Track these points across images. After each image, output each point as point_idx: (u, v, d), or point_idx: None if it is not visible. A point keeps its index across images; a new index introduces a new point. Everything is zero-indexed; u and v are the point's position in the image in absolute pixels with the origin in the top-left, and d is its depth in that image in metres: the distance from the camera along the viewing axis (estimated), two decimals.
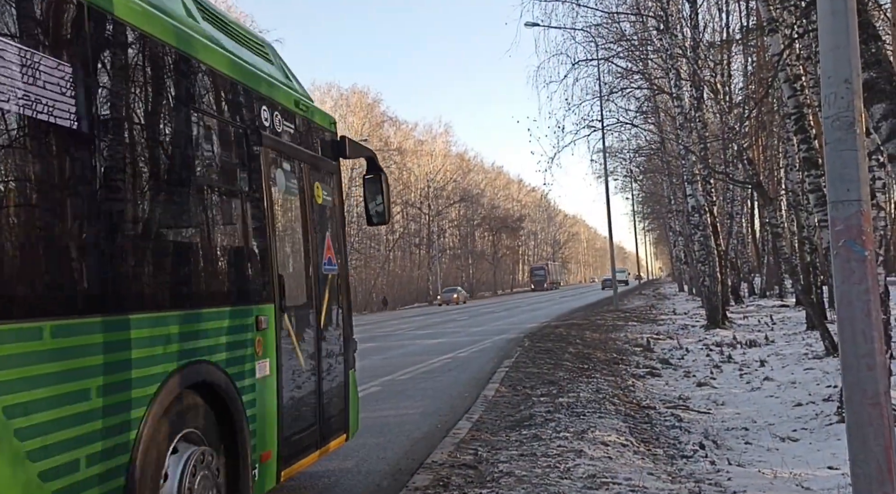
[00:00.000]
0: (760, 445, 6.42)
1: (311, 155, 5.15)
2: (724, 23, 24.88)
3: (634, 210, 57.06)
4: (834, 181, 3.25)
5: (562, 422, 6.63)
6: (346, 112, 60.00)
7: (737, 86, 26.24)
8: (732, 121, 15.72)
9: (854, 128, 3.20)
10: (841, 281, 3.25)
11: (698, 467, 5.62)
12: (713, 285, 18.62)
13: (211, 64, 3.94)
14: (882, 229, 8.49)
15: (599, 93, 23.81)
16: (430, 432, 6.99)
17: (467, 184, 72.74)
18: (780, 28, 11.12)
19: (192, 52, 3.76)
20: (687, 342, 15.23)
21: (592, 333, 17.75)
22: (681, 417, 7.66)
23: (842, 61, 3.22)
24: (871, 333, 3.21)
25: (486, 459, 5.47)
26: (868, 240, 3.21)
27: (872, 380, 3.20)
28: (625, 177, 43.61)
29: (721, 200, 29.14)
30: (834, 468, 5.41)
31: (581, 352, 13.25)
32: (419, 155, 66.97)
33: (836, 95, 3.21)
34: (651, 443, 6.34)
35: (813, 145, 10.69)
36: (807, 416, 7.31)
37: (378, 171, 5.95)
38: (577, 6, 18.79)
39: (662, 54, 19.24)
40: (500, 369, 11.09)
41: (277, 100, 4.72)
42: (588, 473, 4.93)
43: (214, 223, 3.98)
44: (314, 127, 5.31)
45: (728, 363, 11.70)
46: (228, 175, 4.11)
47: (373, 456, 6.13)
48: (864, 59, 5.30)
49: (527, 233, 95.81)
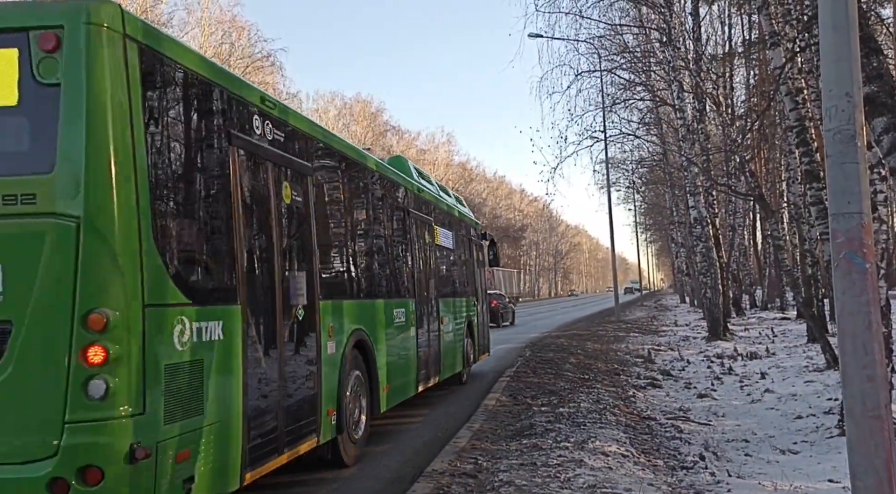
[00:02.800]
0: (761, 457, 6.41)
1: (477, 241, 12.38)
2: (727, 36, 25.01)
3: (637, 221, 57.05)
4: (835, 193, 3.27)
5: (562, 432, 6.63)
6: (350, 121, 60.16)
7: (739, 98, 26.31)
8: (734, 133, 15.76)
9: (855, 141, 3.22)
10: (842, 293, 3.26)
11: (698, 478, 5.61)
12: (715, 297, 18.61)
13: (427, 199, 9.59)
14: (884, 242, 8.50)
15: (602, 104, 23.88)
16: (430, 440, 6.99)
17: (469, 194, 72.80)
18: (782, 42, 11.17)
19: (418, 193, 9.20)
20: (688, 353, 15.21)
21: (594, 344, 17.72)
22: (681, 428, 7.65)
23: (843, 75, 3.24)
24: (871, 345, 3.22)
25: (487, 468, 5.47)
26: (869, 252, 3.23)
27: (873, 393, 3.20)
28: (627, 187, 43.62)
29: (723, 212, 29.15)
30: (835, 481, 5.40)
31: (582, 363, 13.23)
32: (422, 164, 67.08)
33: (838, 108, 3.23)
34: (651, 454, 6.33)
35: (815, 158, 10.71)
36: (807, 429, 7.30)
37: (493, 242, 13.48)
38: (580, 18, 18.87)
39: (665, 66, 19.31)
40: (500, 378, 11.08)
41: (463, 217, 11.47)
42: (588, 483, 4.93)
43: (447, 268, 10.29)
44: (475, 226, 12.53)
45: (729, 375, 11.69)
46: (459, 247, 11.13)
47: (374, 464, 6.13)
48: (866, 72, 5.33)
49: (528, 243, 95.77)
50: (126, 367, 3.35)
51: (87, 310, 3.30)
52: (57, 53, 3.38)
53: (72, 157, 3.34)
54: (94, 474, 3.24)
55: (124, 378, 3.33)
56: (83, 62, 3.36)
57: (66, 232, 3.31)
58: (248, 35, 43.93)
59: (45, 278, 3.31)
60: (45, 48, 3.38)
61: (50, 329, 3.30)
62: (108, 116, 3.39)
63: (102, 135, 3.37)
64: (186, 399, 3.76)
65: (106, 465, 3.26)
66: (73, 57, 3.37)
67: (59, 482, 3.22)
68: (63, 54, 3.37)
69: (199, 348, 3.88)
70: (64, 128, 3.35)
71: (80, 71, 3.35)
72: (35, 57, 3.39)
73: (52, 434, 3.24)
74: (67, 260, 3.31)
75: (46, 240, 3.32)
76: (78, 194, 3.32)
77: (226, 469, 4.08)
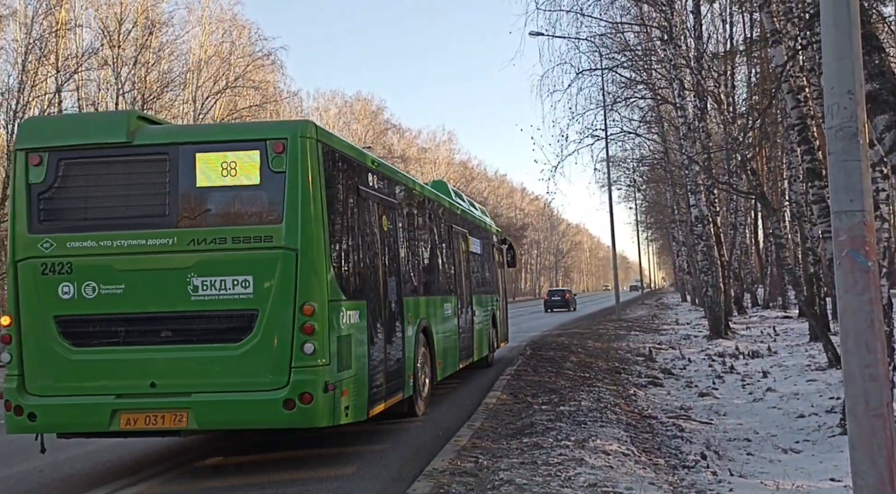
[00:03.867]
0: (762, 456, 6.40)
1: (498, 246, 14.42)
2: (728, 34, 24.97)
3: (638, 219, 56.98)
4: (837, 191, 3.25)
5: (563, 431, 6.62)
6: (350, 119, 60.09)
7: (740, 96, 26.25)
8: (736, 131, 15.73)
9: (857, 138, 3.20)
10: (844, 291, 3.25)
11: (700, 477, 5.60)
12: (716, 295, 18.59)
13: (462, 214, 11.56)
14: (886, 240, 8.48)
15: (603, 102, 23.84)
16: (431, 439, 6.98)
17: (470, 193, 72.69)
18: (784, 39, 11.15)
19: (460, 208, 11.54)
20: (689, 352, 15.20)
21: (594, 342, 17.72)
22: (682, 427, 7.64)
23: (845, 72, 3.23)
24: (874, 344, 3.21)
25: (487, 467, 5.46)
26: (871, 250, 3.21)
27: (876, 391, 3.19)
28: (628, 186, 43.52)
29: (724, 211, 29.10)
30: (836, 480, 5.39)
31: (583, 361, 13.23)
32: (422, 163, 67.05)
33: (840, 106, 3.22)
34: (652, 453, 6.32)
35: (816, 156, 10.68)
36: (809, 428, 7.29)
37: (511, 246, 15.52)
38: (581, 16, 18.82)
39: (666, 65, 19.28)
40: (501, 377, 11.07)
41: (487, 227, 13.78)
42: (589, 482, 4.92)
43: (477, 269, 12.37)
44: (496, 233, 14.88)
45: (730, 373, 11.68)
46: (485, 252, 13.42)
47: (374, 463, 6.13)
48: (868, 70, 5.31)
49: (529, 242, 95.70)
50: (322, 337, 5.59)
51: (303, 302, 5.56)
52: (283, 154, 5.64)
53: (291, 215, 5.61)
54: (307, 397, 5.46)
55: (321, 343, 5.57)
56: (298, 160, 5.65)
57: (290, 257, 5.59)
58: (248, 34, 43.86)
59: (278, 284, 5.57)
60: (276, 150, 5.65)
61: (282, 314, 5.56)
62: (309, 191, 5.66)
63: (307, 202, 5.65)
64: (345, 358, 5.92)
65: (314, 392, 5.48)
66: (292, 156, 5.65)
67: (289, 401, 5.46)
68: (286, 154, 5.65)
69: (349, 327, 6.11)
70: (287, 198, 5.62)
71: (297, 165, 5.65)
72: (270, 155, 5.66)
73: (284, 374, 5.51)
74: (291, 274, 5.58)
75: (279, 262, 5.58)
76: (296, 236, 5.61)
77: (361, 405, 6.27)
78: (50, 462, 6.42)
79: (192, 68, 40.48)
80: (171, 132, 6.25)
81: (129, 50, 36.08)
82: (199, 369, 5.63)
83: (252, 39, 43.66)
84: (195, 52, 41.52)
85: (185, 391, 5.59)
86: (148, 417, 5.58)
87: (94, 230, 5.75)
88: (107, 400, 5.61)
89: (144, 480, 5.86)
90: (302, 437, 6.85)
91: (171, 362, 5.66)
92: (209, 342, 5.65)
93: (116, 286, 5.68)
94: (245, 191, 5.77)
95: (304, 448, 6.77)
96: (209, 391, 5.59)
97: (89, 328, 5.71)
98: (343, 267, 6.22)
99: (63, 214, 5.86)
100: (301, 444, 6.88)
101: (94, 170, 5.88)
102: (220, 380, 5.60)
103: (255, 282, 5.56)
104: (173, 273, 5.66)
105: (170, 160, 5.75)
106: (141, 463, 6.48)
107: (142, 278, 5.70)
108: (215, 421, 5.73)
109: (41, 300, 5.70)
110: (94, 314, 5.68)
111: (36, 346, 5.70)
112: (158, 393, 5.60)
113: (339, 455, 6.49)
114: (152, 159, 5.83)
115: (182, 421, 5.56)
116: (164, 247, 5.69)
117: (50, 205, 5.81)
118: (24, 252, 5.75)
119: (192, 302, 5.62)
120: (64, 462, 6.62)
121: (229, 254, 5.64)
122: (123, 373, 5.67)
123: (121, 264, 5.70)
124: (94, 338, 5.72)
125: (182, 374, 5.65)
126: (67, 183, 5.82)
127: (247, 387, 5.56)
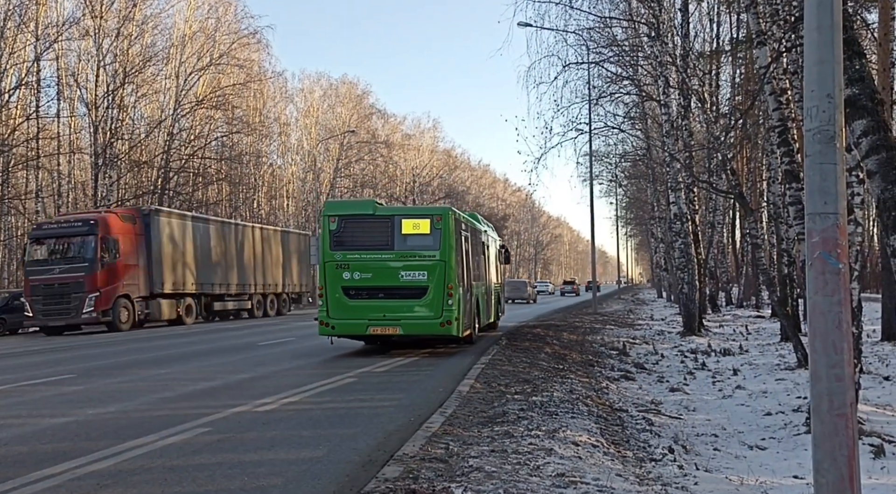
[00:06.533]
0: (729, 452, 6.50)
1: (499, 249, 21.35)
2: (715, 33, 25.10)
3: (618, 215, 57.33)
4: (812, 193, 3.29)
5: (534, 421, 6.67)
6: (335, 102, 59.63)
7: (724, 96, 26.45)
8: (718, 131, 15.85)
9: (834, 141, 3.24)
10: (814, 291, 3.29)
11: (666, 470, 5.68)
12: (691, 293, 18.79)
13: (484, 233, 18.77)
14: (858, 244, 8.61)
15: (588, 96, 23.91)
16: (403, 425, 7.00)
17: (453, 181, 72.58)
18: (769, 41, 11.23)
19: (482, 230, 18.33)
20: (662, 347, 15.37)
21: (570, 335, 17.85)
22: (652, 421, 7.72)
23: (825, 76, 3.26)
24: (841, 345, 3.26)
25: (457, 453, 5.49)
26: (843, 252, 3.26)
27: (840, 391, 3.24)
28: (610, 181, 43.80)
29: (703, 209, 29.37)
30: (799, 477, 5.49)
31: (557, 353, 13.33)
32: (406, 149, 66.75)
33: (819, 109, 3.25)
34: (621, 445, 6.39)
35: (795, 158, 10.80)
36: (776, 426, 7.41)
37: (507, 249, 22.64)
38: (570, 9, 18.81)
39: (652, 61, 19.35)
40: (476, 366, 11.12)
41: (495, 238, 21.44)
42: (557, 472, 4.97)
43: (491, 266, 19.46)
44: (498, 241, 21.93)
45: (701, 370, 11.83)
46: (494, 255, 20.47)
47: (344, 447, 6.13)
48: (848, 75, 5.36)
49: (510, 233, 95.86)
50: (455, 298, 13.14)
51: (448, 283, 13.04)
52: (440, 222, 13.18)
53: (444, 246, 13.12)
54: (449, 323, 13.04)
55: (455, 301, 13.13)
56: (448, 224, 13.21)
57: (442, 264, 13.08)
58: (234, 10, 43.27)
59: (437, 275, 13.03)
60: (437, 219, 13.26)
61: (439, 287, 13.02)
62: (451, 238, 13.24)
63: (450, 242, 13.19)
64: (461, 308, 13.53)
65: (452, 320, 13.06)
66: (445, 223, 13.19)
67: (442, 324, 13.02)
68: (443, 221, 13.19)
69: (461, 295, 13.63)
70: (441, 241, 13.11)
71: (448, 226, 13.20)
72: (434, 221, 13.22)
73: (440, 312, 13.03)
74: (443, 271, 13.06)
75: (438, 265, 13.07)
76: (445, 255, 13.11)
77: (462, 329, 13.71)
78: None
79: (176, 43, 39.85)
80: (391, 209, 15.58)
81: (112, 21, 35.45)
82: (404, 308, 13.01)
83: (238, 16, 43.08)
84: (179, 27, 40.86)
85: (398, 318, 12.99)
86: (383, 329, 13.09)
87: (358, 250, 13.11)
88: (364, 322, 13.03)
89: None
90: (278, 419, 6.80)
91: (392, 306, 13.01)
92: (408, 298, 13.04)
93: (367, 274, 13.04)
94: (423, 236, 13.14)
95: (275, 430, 6.77)
96: (408, 318, 13.00)
97: (356, 291, 13.07)
98: (459, 270, 13.54)
99: (344, 244, 13.12)
100: (273, 427, 6.87)
101: (357, 225, 13.26)
102: (413, 314, 13.01)
103: (427, 274, 13.00)
104: (392, 269, 13.07)
105: (391, 222, 13.25)
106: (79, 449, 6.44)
107: (379, 271, 13.06)
108: (411, 332, 13.28)
109: (335, 279, 13.07)
110: (359, 285, 13.06)
111: (332, 298, 13.05)
112: (387, 318, 13.00)
113: (311, 437, 6.49)
114: (383, 222, 13.29)
115: (397, 331, 13.13)
116: (389, 258, 13.11)
117: (338, 239, 13.14)
118: (327, 257, 13.09)
119: (401, 281, 13.02)
120: None
121: (416, 263, 13.08)
122: (371, 311, 13.03)
123: (370, 264, 13.08)
124: (358, 296, 13.08)
125: (397, 311, 12.99)
126: (346, 230, 13.16)
127: (424, 318, 13.00)
